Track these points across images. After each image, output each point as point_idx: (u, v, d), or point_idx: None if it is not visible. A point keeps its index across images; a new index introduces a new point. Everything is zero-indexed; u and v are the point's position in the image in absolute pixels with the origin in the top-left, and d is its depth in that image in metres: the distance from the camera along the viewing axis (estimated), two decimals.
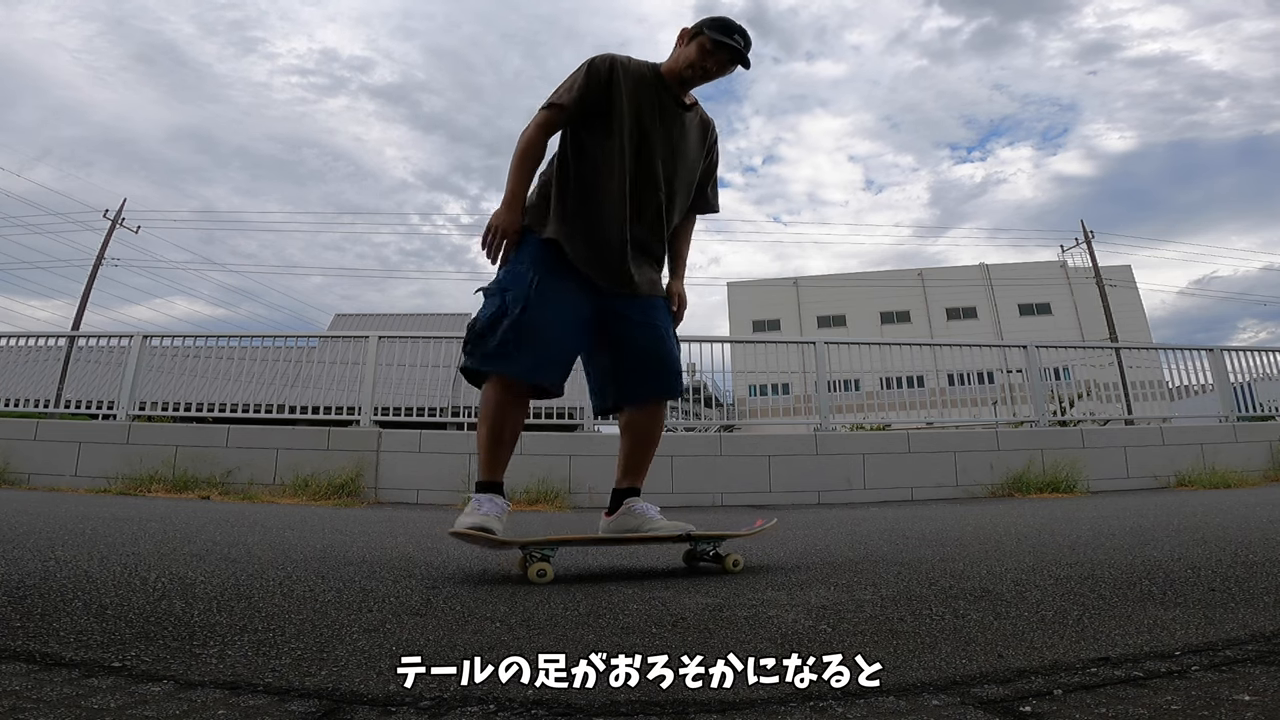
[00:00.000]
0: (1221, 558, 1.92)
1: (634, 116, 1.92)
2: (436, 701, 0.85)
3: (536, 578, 1.69)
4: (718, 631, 1.21)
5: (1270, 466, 6.06)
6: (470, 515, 1.79)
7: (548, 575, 1.70)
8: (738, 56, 1.92)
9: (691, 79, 1.96)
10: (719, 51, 1.90)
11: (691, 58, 1.92)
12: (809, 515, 4.15)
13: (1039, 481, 5.42)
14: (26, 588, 1.46)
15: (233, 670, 0.95)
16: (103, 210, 21.79)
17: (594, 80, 1.90)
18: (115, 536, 2.43)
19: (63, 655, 0.99)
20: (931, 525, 3.23)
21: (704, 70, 1.93)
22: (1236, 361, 6.86)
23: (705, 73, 1.94)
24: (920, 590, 1.57)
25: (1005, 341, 13.00)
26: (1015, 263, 39.27)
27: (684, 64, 1.94)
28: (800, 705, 0.85)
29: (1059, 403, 6.83)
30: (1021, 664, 1.00)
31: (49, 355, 6.93)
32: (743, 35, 1.91)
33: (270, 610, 1.33)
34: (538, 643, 1.13)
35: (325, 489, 4.98)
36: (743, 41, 1.91)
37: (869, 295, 38.68)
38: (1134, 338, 29.35)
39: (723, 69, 1.94)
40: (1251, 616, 1.25)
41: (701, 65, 1.92)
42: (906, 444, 5.66)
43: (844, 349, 6.50)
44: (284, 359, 7.01)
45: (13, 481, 5.30)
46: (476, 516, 1.78)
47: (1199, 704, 0.82)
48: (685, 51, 1.94)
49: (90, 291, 20.40)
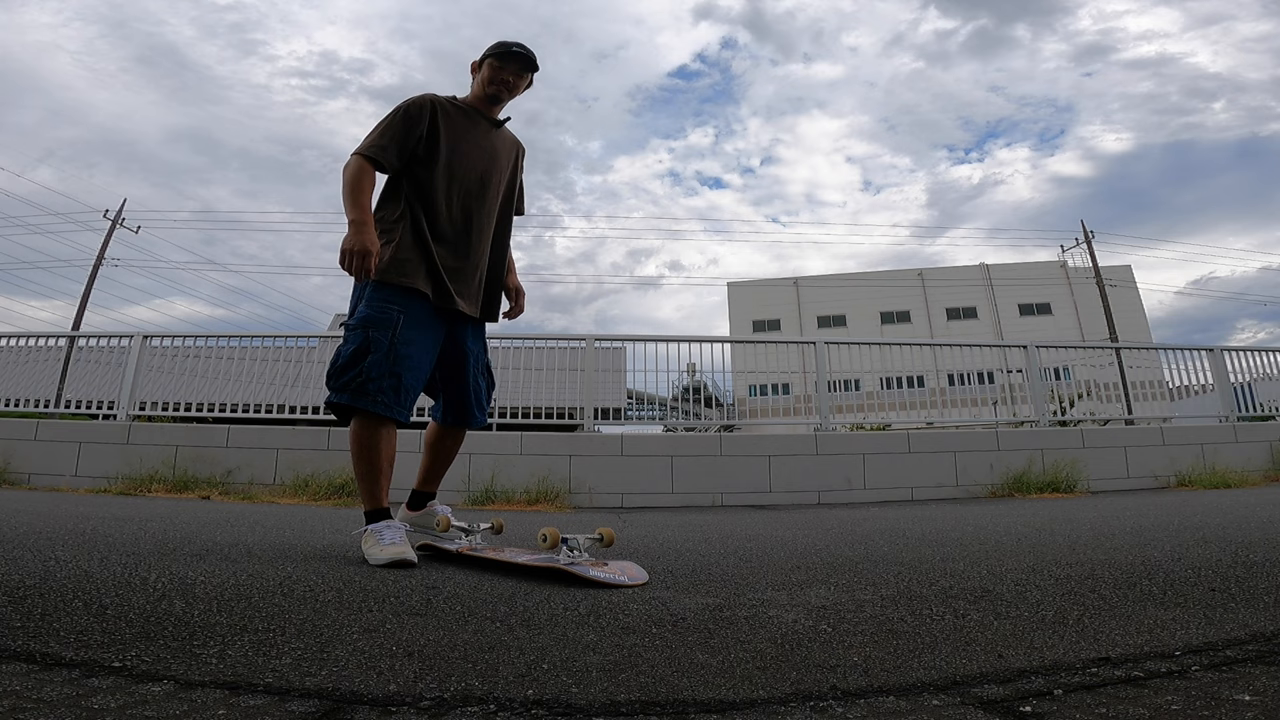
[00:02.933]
0: (1222, 558, 1.92)
1: (450, 145, 2.12)
2: (436, 701, 0.85)
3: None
4: (718, 631, 1.21)
5: (1270, 466, 6.06)
6: (382, 549, 1.93)
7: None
8: (526, 61, 2.17)
9: (498, 94, 2.19)
10: (506, 61, 2.15)
11: (487, 77, 2.17)
12: (809, 515, 4.15)
13: (1039, 481, 5.42)
14: (26, 588, 1.46)
15: (233, 670, 0.95)
16: (103, 210, 21.82)
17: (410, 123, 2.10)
18: (115, 536, 2.43)
19: (63, 655, 0.99)
20: (931, 525, 3.23)
21: (503, 80, 2.17)
22: (1236, 361, 6.86)
23: (504, 83, 2.17)
24: (920, 590, 1.57)
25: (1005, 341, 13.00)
26: (1015, 263, 39.31)
27: (485, 85, 2.18)
28: (800, 705, 0.85)
29: (1059, 403, 6.83)
30: (1022, 664, 1.00)
31: (49, 355, 6.93)
32: (521, 46, 2.16)
33: (270, 610, 1.33)
34: (538, 642, 1.13)
35: (325, 489, 4.98)
36: (526, 51, 2.15)
37: (869, 295, 38.69)
38: (1134, 338, 29.37)
39: (518, 76, 2.18)
40: (1252, 616, 1.25)
41: (499, 78, 2.16)
42: (906, 444, 5.66)
43: (844, 349, 6.50)
44: (284, 359, 7.01)
45: (13, 481, 5.31)
46: (390, 550, 1.93)
47: (1199, 704, 0.82)
48: (481, 76, 2.19)
49: (90, 292, 20.43)
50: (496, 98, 2.19)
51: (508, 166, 2.27)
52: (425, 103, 2.11)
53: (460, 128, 2.15)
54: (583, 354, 6.08)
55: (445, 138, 2.11)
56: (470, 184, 2.15)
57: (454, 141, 2.12)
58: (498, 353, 6.56)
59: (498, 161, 2.22)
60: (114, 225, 21.54)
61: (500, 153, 2.24)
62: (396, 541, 1.96)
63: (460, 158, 2.13)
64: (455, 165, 2.12)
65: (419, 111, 2.10)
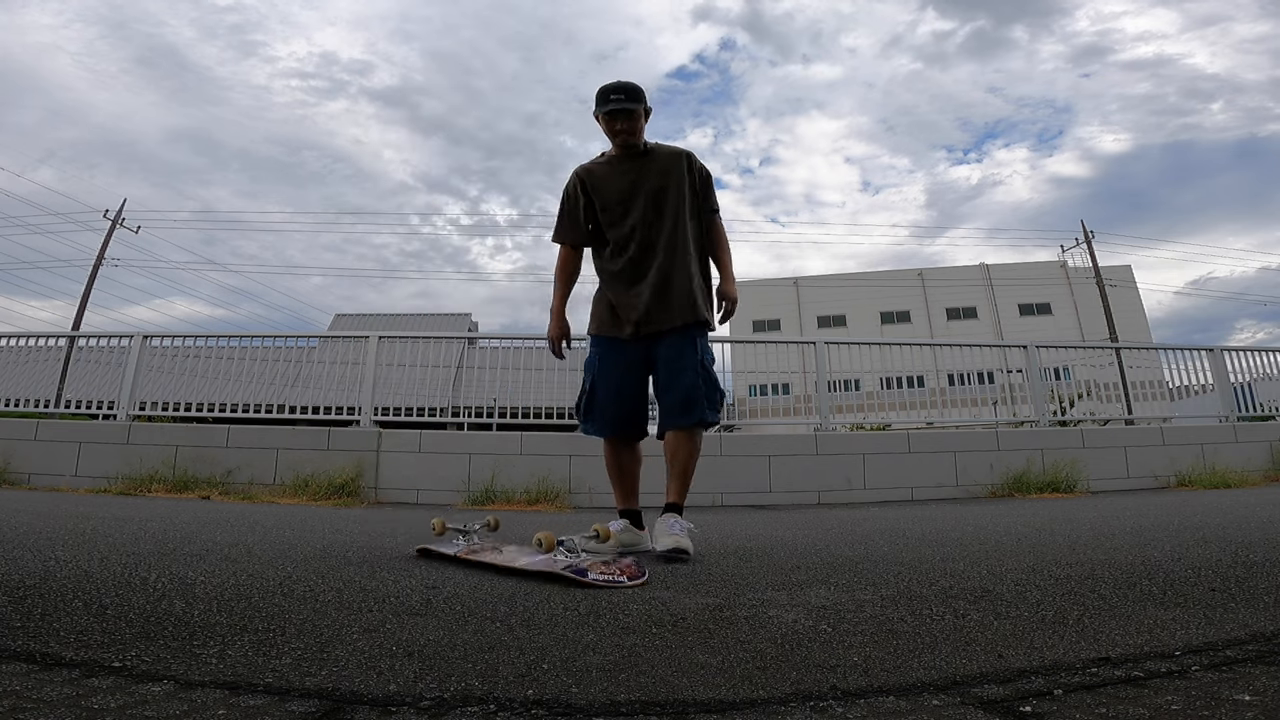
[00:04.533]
0: (1222, 558, 1.92)
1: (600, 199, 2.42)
2: (436, 701, 0.85)
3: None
4: (718, 631, 1.21)
5: (1270, 466, 6.05)
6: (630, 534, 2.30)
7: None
8: (621, 109, 2.33)
9: (623, 141, 2.39)
10: (612, 116, 2.34)
11: (604, 130, 2.40)
12: (809, 515, 4.15)
13: (1039, 481, 5.41)
14: (26, 588, 1.46)
15: (233, 670, 0.95)
16: (103, 211, 21.82)
17: (570, 201, 2.46)
18: (115, 536, 2.43)
19: (63, 655, 0.99)
20: (931, 525, 3.23)
21: (616, 130, 2.36)
22: (1236, 361, 6.85)
23: (619, 131, 2.36)
24: (920, 590, 1.57)
25: (1005, 341, 13.00)
26: (1015, 263, 39.28)
27: (611, 137, 2.41)
28: (800, 705, 0.85)
29: (1059, 403, 6.82)
30: (1022, 664, 1.00)
31: (49, 355, 6.92)
32: (619, 91, 2.33)
33: (270, 610, 1.33)
34: (538, 642, 1.13)
35: (325, 489, 4.97)
36: (622, 96, 2.32)
37: (869, 295, 38.67)
38: (1134, 338, 29.35)
39: (626, 120, 2.35)
40: (1252, 616, 1.25)
41: (612, 129, 2.37)
42: (906, 444, 5.65)
43: (844, 349, 6.49)
44: (284, 359, 7.01)
45: (13, 481, 5.30)
46: (631, 535, 2.30)
47: (1199, 704, 0.81)
48: (604, 129, 2.41)
49: (90, 292, 20.41)
50: (625, 145, 2.40)
51: (665, 184, 2.40)
52: (572, 178, 2.48)
53: (601, 179, 2.43)
54: (583, 354, 6.06)
55: (595, 195, 2.42)
56: (620, 220, 2.40)
57: (601, 194, 2.42)
58: (498, 353, 6.56)
59: (645, 187, 2.39)
60: (114, 225, 21.54)
61: (648, 177, 2.40)
62: (620, 529, 2.31)
63: (608, 203, 2.41)
64: (608, 211, 2.41)
65: (571, 188, 2.47)
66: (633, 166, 2.40)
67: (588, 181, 2.43)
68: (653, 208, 2.38)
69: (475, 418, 5.96)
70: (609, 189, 2.41)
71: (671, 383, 2.32)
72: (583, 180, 2.44)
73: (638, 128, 2.36)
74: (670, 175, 2.41)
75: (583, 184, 2.43)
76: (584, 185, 2.43)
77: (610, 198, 2.40)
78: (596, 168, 2.46)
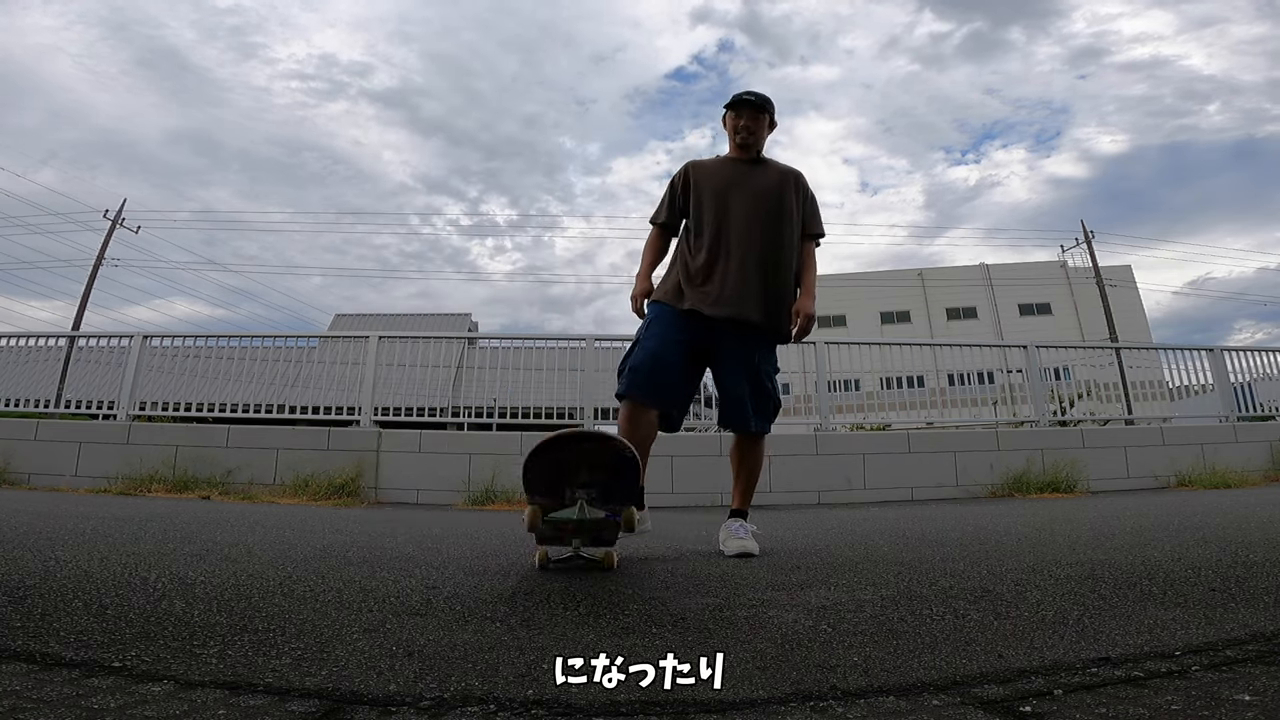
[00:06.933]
0: (1222, 558, 1.92)
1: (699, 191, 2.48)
2: (436, 701, 0.85)
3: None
4: (718, 631, 1.21)
5: (1270, 466, 6.05)
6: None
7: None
8: (749, 103, 2.44)
9: (743, 140, 2.47)
10: (738, 110, 2.45)
11: (729, 126, 2.50)
12: (809, 515, 4.15)
13: (1039, 481, 5.41)
14: (26, 588, 1.46)
15: (233, 670, 0.95)
16: (103, 211, 21.81)
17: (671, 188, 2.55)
18: (115, 536, 2.43)
19: (63, 655, 0.99)
20: (931, 525, 3.23)
21: (738, 126, 2.45)
22: (1236, 361, 6.85)
23: (741, 127, 2.45)
24: (920, 590, 1.57)
25: (1005, 341, 12.99)
26: (1015, 263, 39.24)
27: (732, 134, 2.50)
28: (800, 705, 0.85)
29: (1059, 403, 6.82)
30: (1022, 664, 1.00)
31: (49, 355, 6.92)
32: (751, 93, 2.46)
33: (270, 610, 1.33)
34: (538, 642, 1.13)
35: (325, 489, 4.97)
36: (752, 97, 2.45)
37: (869, 295, 38.64)
38: (1134, 338, 29.33)
39: (751, 117, 2.45)
40: (1252, 616, 1.25)
41: (735, 124, 2.46)
42: (906, 444, 5.65)
43: (844, 349, 6.49)
44: (284, 359, 7.01)
45: (13, 481, 5.30)
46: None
47: (1199, 704, 0.81)
48: (727, 128, 2.52)
49: (90, 292, 20.41)
50: (743, 144, 2.47)
51: (770, 191, 2.46)
52: (683, 166, 2.57)
53: (708, 174, 2.50)
54: (583, 354, 6.09)
55: (698, 189, 2.48)
56: (719, 216, 2.42)
57: (705, 188, 2.47)
58: (498, 353, 6.56)
59: (750, 189, 2.44)
60: (114, 225, 21.53)
61: (756, 181, 2.46)
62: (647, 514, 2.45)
63: (710, 197, 2.45)
64: (705, 205, 2.45)
65: (677, 176, 2.56)
66: (744, 169, 2.48)
67: (693, 174, 2.51)
68: (753, 211, 2.41)
69: (475, 418, 5.97)
70: (713, 183, 2.47)
71: (755, 389, 2.37)
72: (689, 171, 2.53)
73: (759, 129, 2.45)
74: (778, 186, 2.47)
75: (688, 175, 2.52)
76: (689, 176, 2.51)
77: (713, 192, 2.45)
78: (708, 163, 2.55)
